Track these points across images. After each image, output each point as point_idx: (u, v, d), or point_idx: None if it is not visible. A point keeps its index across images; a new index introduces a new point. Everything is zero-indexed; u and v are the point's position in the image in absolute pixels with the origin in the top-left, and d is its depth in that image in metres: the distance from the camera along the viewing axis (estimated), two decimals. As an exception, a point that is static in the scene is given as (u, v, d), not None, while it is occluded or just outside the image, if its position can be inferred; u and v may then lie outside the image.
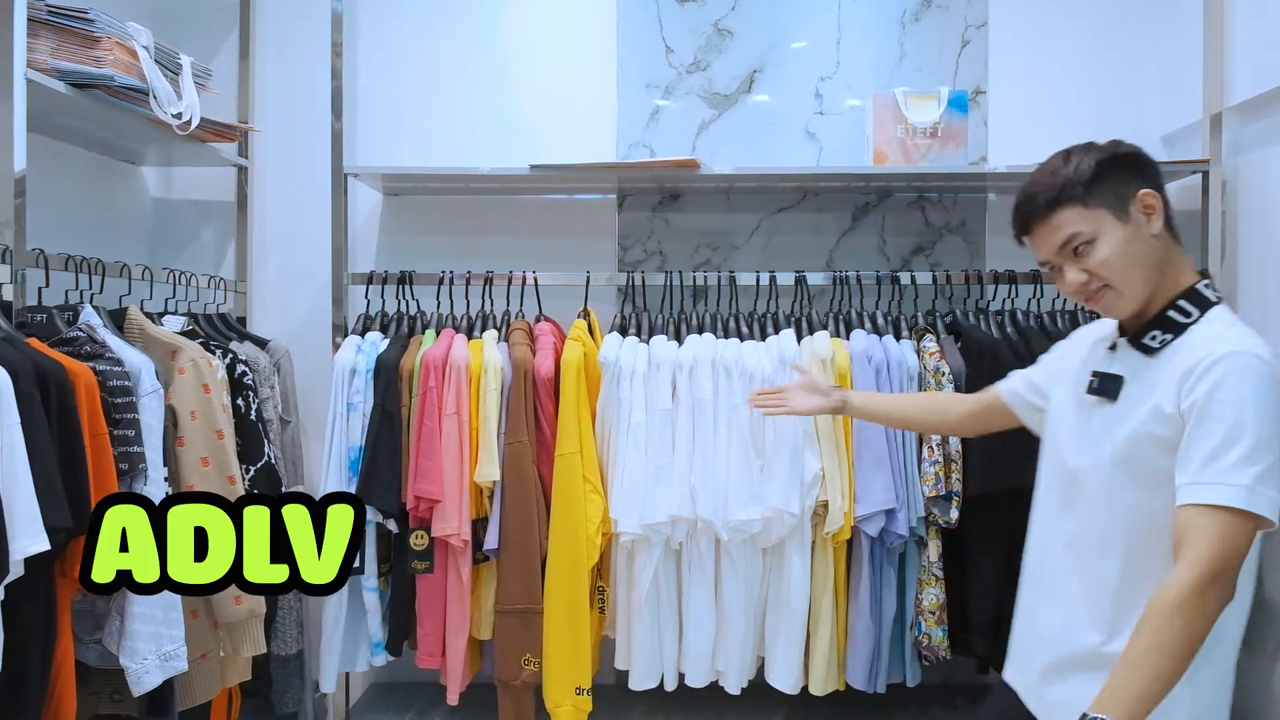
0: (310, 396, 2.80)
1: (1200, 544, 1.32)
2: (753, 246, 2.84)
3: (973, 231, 2.81)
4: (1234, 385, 1.35)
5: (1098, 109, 2.77)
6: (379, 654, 2.52)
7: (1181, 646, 1.31)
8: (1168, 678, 1.31)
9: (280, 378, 2.71)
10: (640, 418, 2.38)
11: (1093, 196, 1.47)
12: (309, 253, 2.86)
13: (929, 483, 2.32)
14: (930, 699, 2.59)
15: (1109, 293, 1.48)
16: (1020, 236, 1.57)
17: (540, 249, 2.84)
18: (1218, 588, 1.31)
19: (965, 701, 2.62)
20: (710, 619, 2.39)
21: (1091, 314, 2.53)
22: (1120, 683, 1.32)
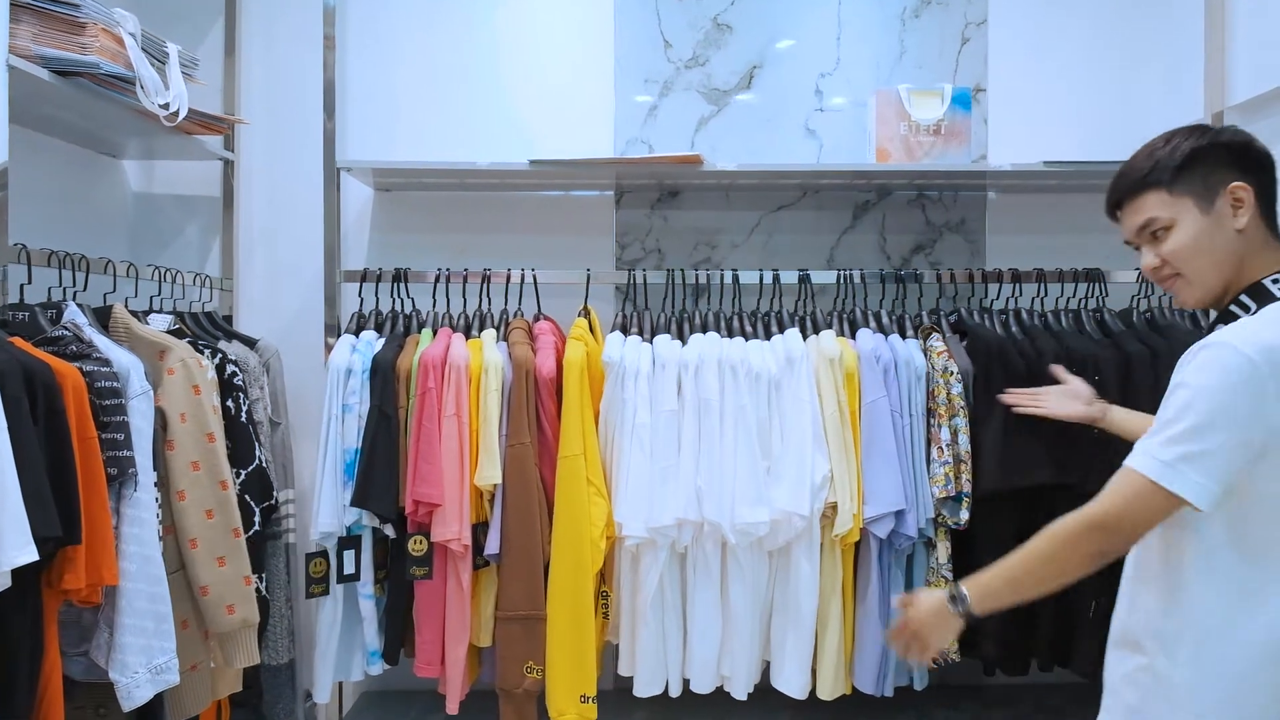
0: (300, 397, 2.71)
1: (1108, 494, 1.42)
2: (752, 244, 2.80)
3: (973, 230, 2.79)
4: (1200, 370, 1.37)
5: (1097, 108, 2.76)
6: (375, 663, 2.45)
7: (1040, 564, 1.47)
8: (1019, 583, 1.49)
9: (270, 378, 2.62)
10: (645, 418, 2.33)
11: (1178, 184, 1.47)
12: (298, 249, 2.78)
13: (939, 483, 2.29)
14: (935, 701, 2.56)
15: (1179, 280, 1.50)
16: (1111, 213, 1.59)
17: (536, 246, 2.78)
18: (1100, 536, 1.41)
19: (969, 703, 2.59)
20: (716, 623, 2.35)
21: (1096, 316, 2.52)
22: (988, 573, 1.53)
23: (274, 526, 2.53)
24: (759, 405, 2.32)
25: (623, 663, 2.40)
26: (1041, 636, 2.35)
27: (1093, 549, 1.42)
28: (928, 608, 1.59)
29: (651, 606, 2.31)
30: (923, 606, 1.61)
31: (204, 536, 2.07)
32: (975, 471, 2.29)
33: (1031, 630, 2.35)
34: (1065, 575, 1.46)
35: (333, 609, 2.42)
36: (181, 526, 2.06)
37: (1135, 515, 1.39)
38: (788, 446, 2.31)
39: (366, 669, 2.46)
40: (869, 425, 2.31)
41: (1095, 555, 1.43)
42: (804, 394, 2.31)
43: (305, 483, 2.74)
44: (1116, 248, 1.99)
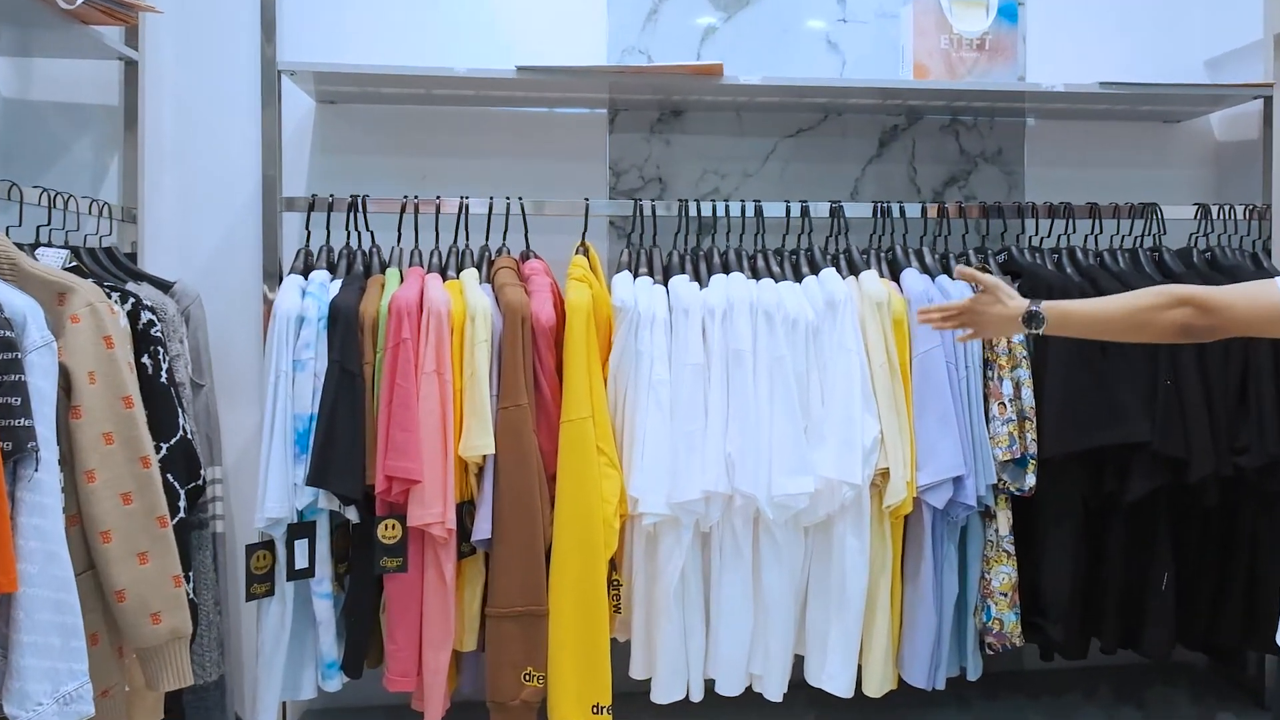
0: (226, 353, 2.32)
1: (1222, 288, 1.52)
2: (767, 174, 2.51)
3: (1010, 161, 2.57)
4: None
5: (1139, 27, 2.57)
6: (332, 676, 2.09)
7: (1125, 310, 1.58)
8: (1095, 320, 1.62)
9: (190, 330, 2.20)
10: (663, 374, 2.02)
11: None
12: (220, 172, 2.36)
13: (1002, 445, 2.06)
14: (975, 691, 2.35)
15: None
16: None
17: (512, 173, 2.43)
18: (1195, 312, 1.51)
19: (1010, 693, 2.41)
20: (747, 614, 2.07)
21: (1153, 255, 2.32)
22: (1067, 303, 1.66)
23: (200, 513, 2.14)
24: (797, 357, 2.04)
25: (635, 664, 2.10)
26: (1109, 614, 2.16)
27: (1181, 319, 1.52)
28: (1001, 310, 1.70)
29: (674, 597, 2.02)
30: (995, 306, 1.71)
31: (120, 527, 1.69)
32: (1040, 431, 2.07)
33: (1098, 608, 2.16)
34: (1143, 331, 1.57)
35: (279, 613, 2.05)
36: (91, 515, 1.68)
37: (1239, 306, 1.47)
38: (831, 404, 2.04)
39: (322, 684, 2.10)
40: (922, 379, 2.07)
41: (1180, 328, 1.53)
42: (849, 343, 2.04)
43: (233, 458, 2.37)
44: (1167, 181, 1.80)
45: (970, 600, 2.15)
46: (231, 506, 2.34)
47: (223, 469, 2.27)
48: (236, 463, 2.38)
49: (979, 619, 2.14)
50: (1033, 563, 2.13)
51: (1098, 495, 2.12)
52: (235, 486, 2.35)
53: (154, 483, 1.78)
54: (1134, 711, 2.35)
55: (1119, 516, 2.13)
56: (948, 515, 2.10)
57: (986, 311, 1.74)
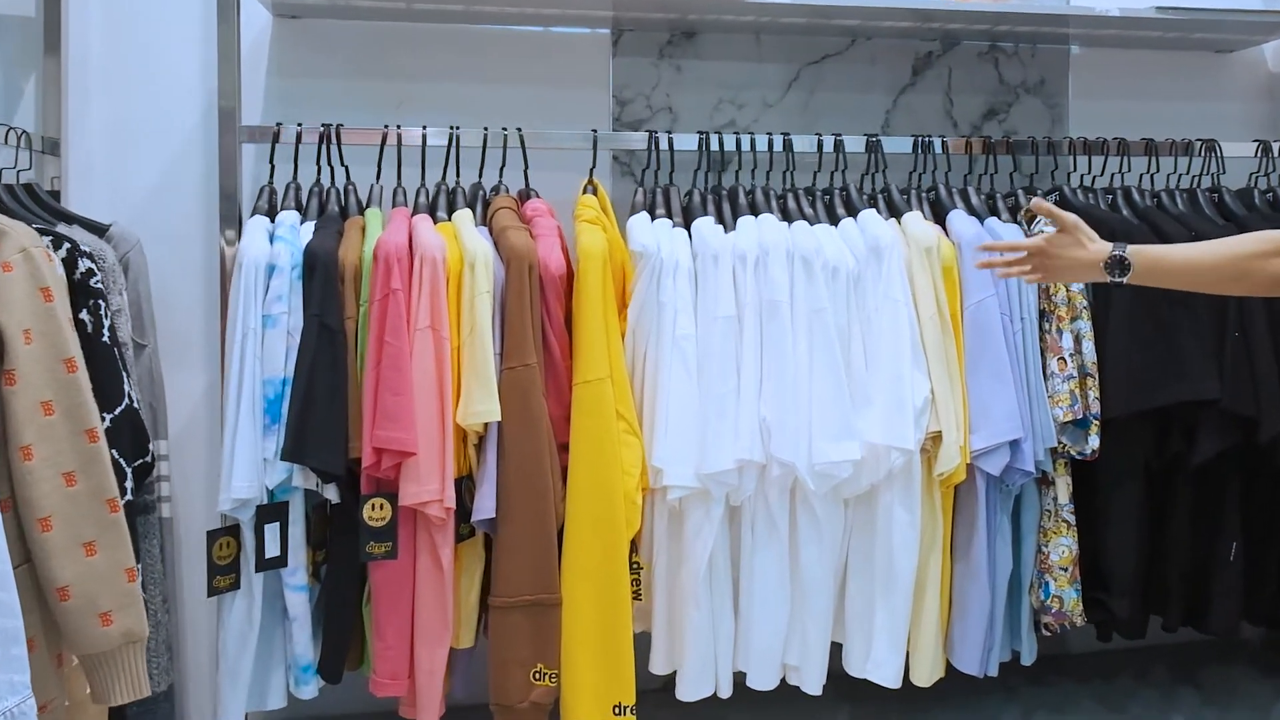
0: (165, 309, 2.13)
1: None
2: (789, 105, 2.39)
3: (1053, 92, 2.49)
4: None
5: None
6: (307, 682, 1.94)
7: (1220, 257, 1.52)
8: (1186, 268, 1.54)
9: (129, 281, 2.02)
10: (688, 328, 1.90)
11: None
12: (159, 97, 2.17)
13: (1062, 404, 1.99)
14: (1021, 678, 2.30)
15: None
16: None
17: (501, 101, 2.27)
18: None
19: (1058, 677, 2.36)
20: (783, 598, 1.97)
21: (1211, 193, 2.26)
22: (1156, 248, 1.59)
23: (146, 494, 1.98)
24: (838, 309, 1.94)
25: (656, 658, 2.00)
26: (1173, 589, 2.12)
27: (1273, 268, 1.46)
28: (1080, 254, 1.61)
29: (703, 580, 1.92)
30: (1074, 249, 1.61)
31: (63, 512, 1.54)
32: (1102, 388, 2.00)
33: (1161, 582, 2.11)
34: (1241, 281, 1.51)
35: (246, 609, 1.90)
36: (28, 499, 1.53)
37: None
38: (877, 361, 1.94)
39: (294, 690, 1.95)
40: (975, 332, 1.98)
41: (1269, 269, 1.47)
42: (896, 293, 1.94)
43: (176, 430, 2.19)
44: (1219, 115, 1.72)
45: (1025, 577, 2.08)
46: (179, 486, 2.18)
47: (168, 443, 2.10)
48: (180, 436, 2.20)
49: (1035, 597, 2.07)
50: (1093, 533, 2.06)
51: (1161, 458, 2.07)
52: (179, 464, 2.18)
53: (101, 460, 1.61)
54: (1192, 693, 2.31)
55: (1184, 481, 2.08)
56: (1002, 483, 2.02)
57: (1062, 255, 1.62)
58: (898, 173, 2.21)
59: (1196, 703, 2.29)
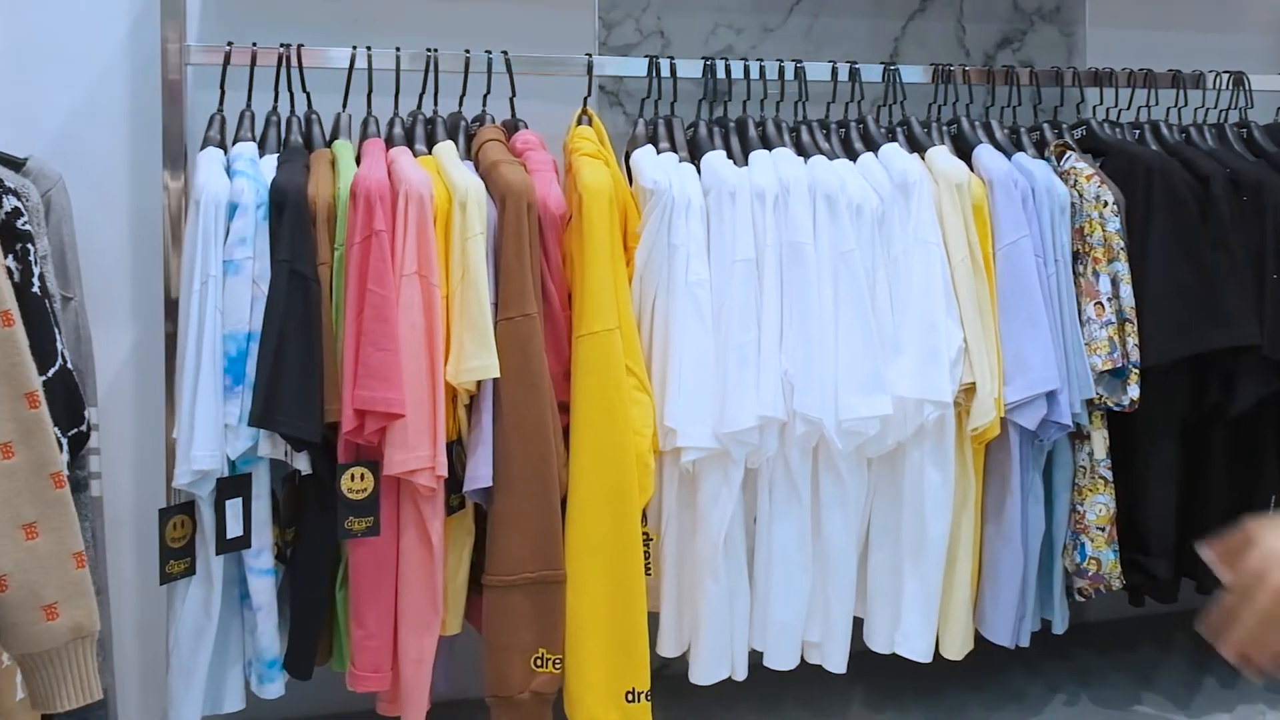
0: (90, 257, 1.97)
1: None
2: (790, 30, 2.34)
3: (1070, 20, 2.49)
4: None
5: None
6: (273, 679, 1.82)
7: None
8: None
9: (52, 224, 1.88)
10: (702, 273, 1.84)
11: None
12: (69, 11, 2.01)
13: (1101, 351, 1.97)
14: (1036, 651, 2.30)
15: None
16: None
17: (470, 21, 2.15)
18: None
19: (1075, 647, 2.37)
20: (805, 568, 1.92)
21: (1240, 128, 2.28)
22: None
23: (78, 469, 1.85)
24: (864, 251, 1.90)
25: (665, 638, 1.93)
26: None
27: None
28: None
29: (721, 551, 1.86)
30: None
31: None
32: (1143, 335, 2.00)
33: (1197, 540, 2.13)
34: None
35: (203, 598, 1.77)
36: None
37: None
38: (906, 308, 1.90)
39: (257, 689, 1.83)
40: (1010, 276, 1.95)
41: None
42: (928, 233, 1.90)
43: (103, 395, 2.04)
44: (1242, 47, 1.84)
45: (1058, 539, 2.07)
46: (110, 460, 2.04)
47: (97, 411, 1.97)
48: (105, 402, 2.05)
49: (1071, 559, 2.06)
50: (1130, 490, 2.06)
51: (1198, 410, 2.08)
52: (105, 434, 2.02)
53: (43, 428, 1.49)
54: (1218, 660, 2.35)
55: (1220, 433, 2.09)
56: (1036, 438, 2.00)
57: None
58: (912, 105, 2.17)
59: (1225, 671, 2.32)
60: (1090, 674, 2.32)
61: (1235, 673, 2.26)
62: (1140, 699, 2.25)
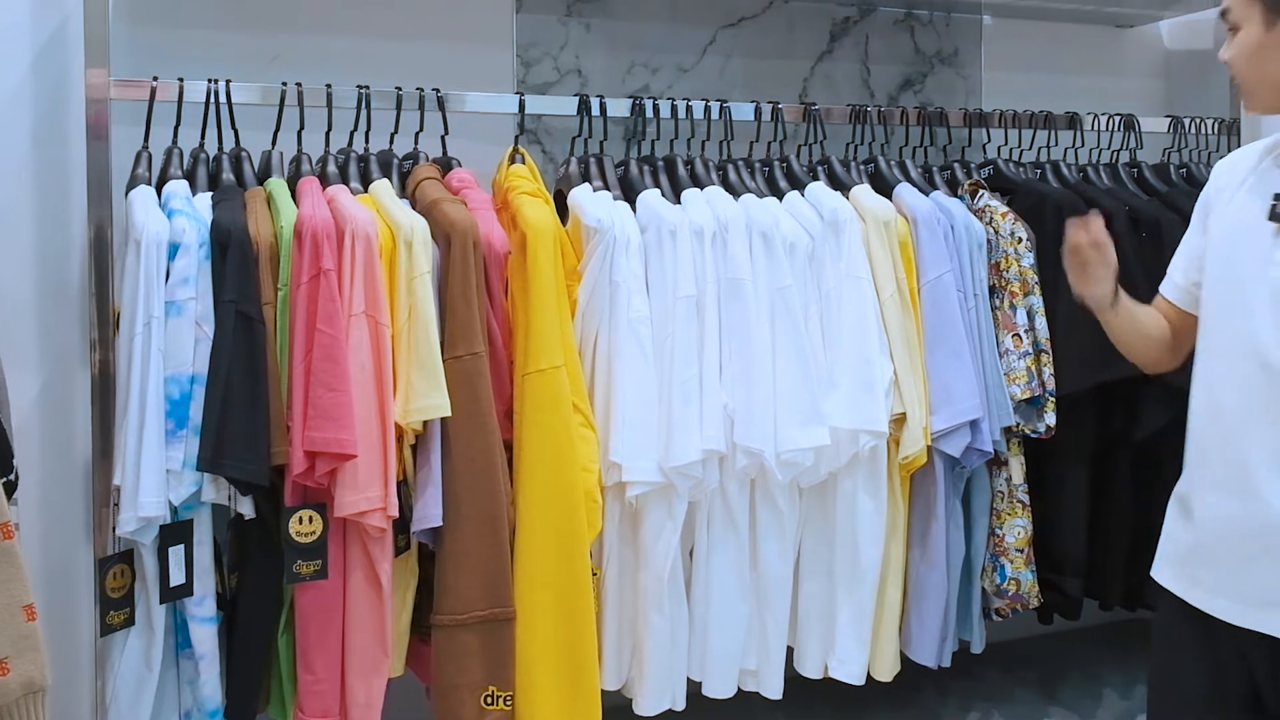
0: (8, 297, 2.11)
1: None
2: (705, 69, 2.60)
3: (967, 63, 2.82)
4: None
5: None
6: (214, 729, 1.97)
7: None
8: None
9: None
10: (643, 309, 2.07)
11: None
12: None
13: (1019, 381, 2.29)
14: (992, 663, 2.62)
15: (1242, 86, 1.67)
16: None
17: (391, 58, 2.36)
18: None
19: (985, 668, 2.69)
20: (743, 598, 2.17)
21: (1131, 168, 2.67)
22: None
23: None
24: (799, 287, 2.17)
25: (608, 670, 2.14)
26: (1115, 567, 2.45)
27: None
28: None
29: (667, 584, 2.10)
30: None
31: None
32: (1057, 364, 2.32)
33: (1103, 561, 2.46)
34: None
35: (143, 649, 1.89)
36: None
37: None
38: (840, 341, 2.16)
39: (197, 741, 1.97)
40: (934, 310, 2.23)
41: None
42: (859, 270, 2.17)
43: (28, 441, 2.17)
44: (1121, 90, 2.42)
45: (976, 562, 2.35)
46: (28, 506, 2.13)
47: (14, 458, 2.07)
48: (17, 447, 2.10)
49: (990, 581, 2.37)
50: (1045, 513, 2.36)
51: (1105, 435, 2.43)
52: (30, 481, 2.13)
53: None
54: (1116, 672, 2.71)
55: (1124, 458, 2.43)
56: (958, 465, 2.28)
57: None
58: (830, 144, 2.45)
59: (1122, 684, 2.67)
60: (996, 691, 2.63)
61: (1131, 681, 2.63)
62: (1046, 712, 2.57)
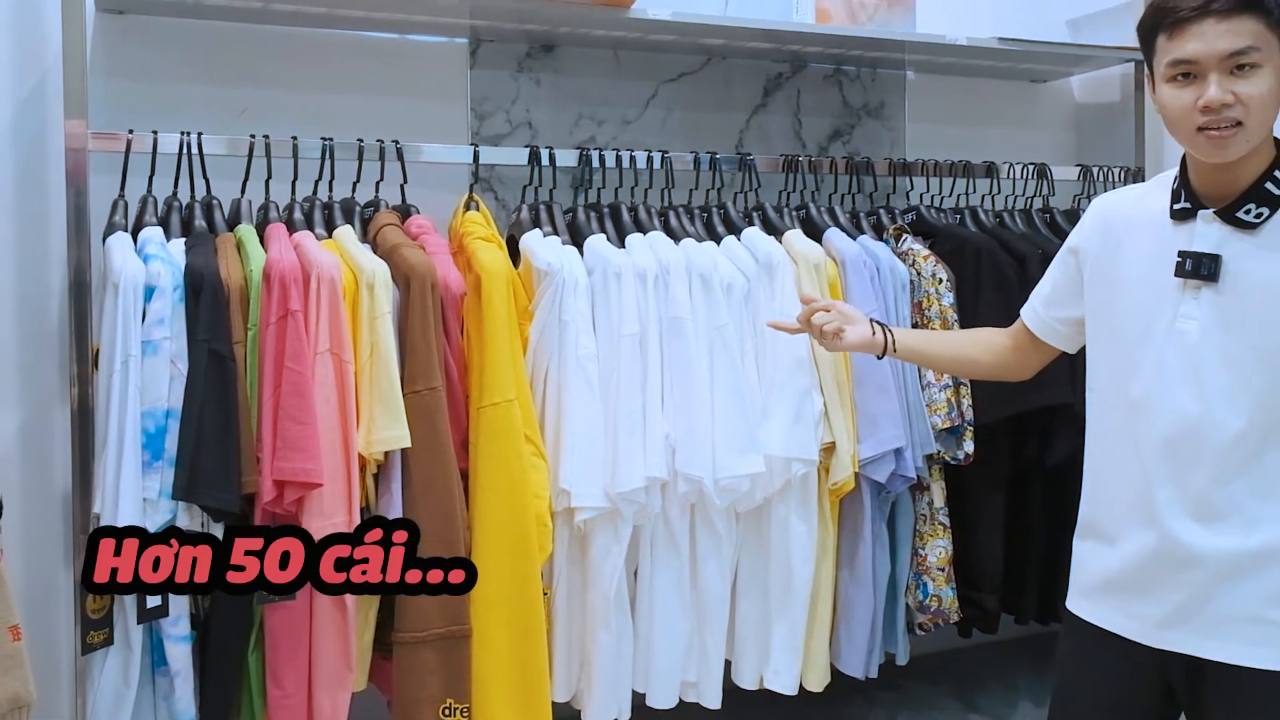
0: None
1: None
2: (648, 121, 2.73)
3: (891, 116, 2.99)
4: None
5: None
6: (187, 740, 2.06)
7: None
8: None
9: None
10: (590, 347, 2.20)
11: (1278, 23, 1.53)
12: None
13: (940, 412, 2.44)
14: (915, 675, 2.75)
15: (1238, 131, 1.55)
16: (1169, 26, 1.58)
17: (354, 111, 2.47)
18: None
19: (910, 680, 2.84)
20: (685, 615, 2.29)
21: (1043, 213, 2.85)
22: None
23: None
24: (735, 325, 2.31)
25: (558, 683, 2.24)
26: (1029, 584, 2.61)
27: None
28: None
29: (613, 602, 2.22)
30: None
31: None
32: (975, 396, 2.48)
33: (1018, 578, 2.62)
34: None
35: (121, 667, 1.98)
36: None
37: None
38: (774, 375, 2.29)
39: (170, 753, 2.06)
40: None
41: None
42: (791, 309, 2.29)
43: None
44: (1035, 141, 2.62)
45: (901, 580, 2.49)
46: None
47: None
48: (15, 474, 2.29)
49: (914, 597, 2.52)
50: (965, 534, 2.50)
51: (1019, 462, 2.59)
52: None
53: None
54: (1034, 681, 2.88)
55: (1037, 482, 2.59)
56: (884, 490, 2.42)
57: None
58: (763, 191, 2.62)
59: (1039, 693, 2.83)
60: (921, 701, 2.77)
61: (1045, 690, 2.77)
62: (966, 719, 2.72)
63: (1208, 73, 1.55)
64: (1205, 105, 1.54)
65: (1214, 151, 1.58)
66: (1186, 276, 1.63)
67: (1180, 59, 1.57)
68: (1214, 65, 1.54)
